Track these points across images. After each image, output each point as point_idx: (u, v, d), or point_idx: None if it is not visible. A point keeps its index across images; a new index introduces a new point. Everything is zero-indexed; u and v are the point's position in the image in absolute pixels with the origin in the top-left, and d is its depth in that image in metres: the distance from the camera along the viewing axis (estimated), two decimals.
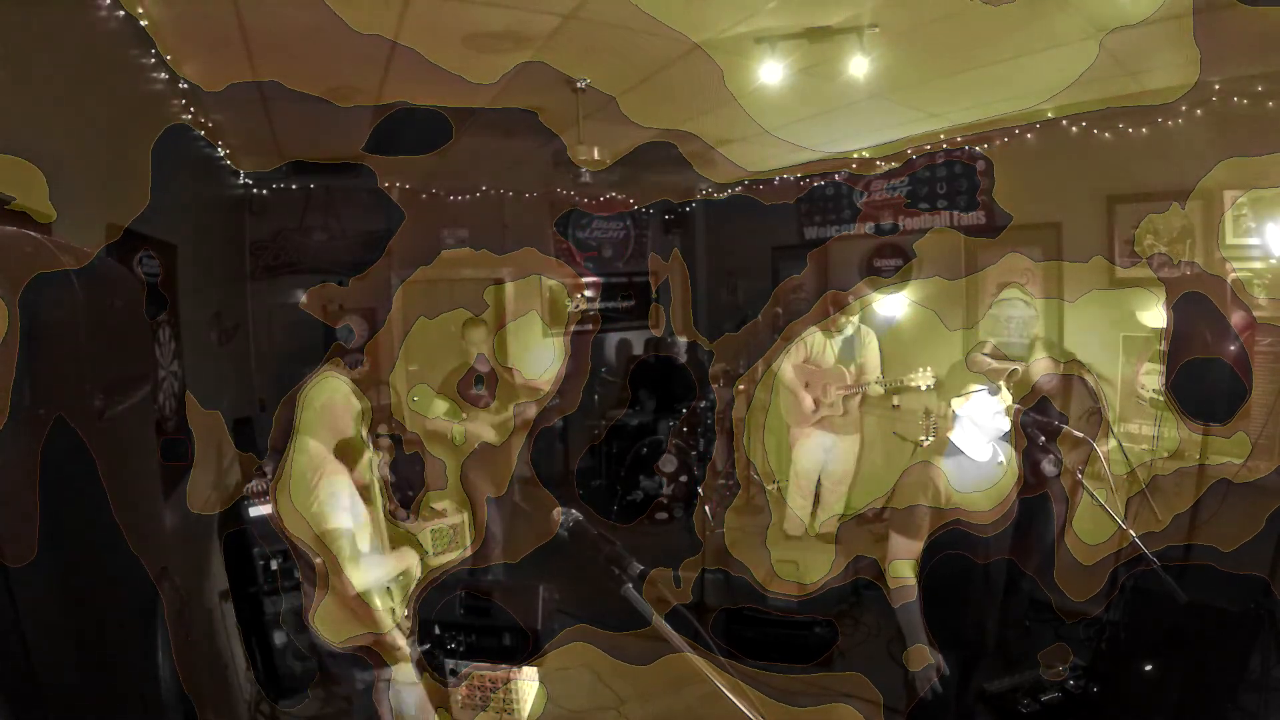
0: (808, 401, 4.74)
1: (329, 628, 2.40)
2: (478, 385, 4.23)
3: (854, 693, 3.41)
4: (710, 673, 1.27)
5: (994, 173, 4.66)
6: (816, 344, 4.84)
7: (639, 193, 7.19)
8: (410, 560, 2.60)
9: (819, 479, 5.03)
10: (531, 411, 4.31)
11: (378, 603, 2.41)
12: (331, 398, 2.49)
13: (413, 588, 2.62)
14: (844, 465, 4.95)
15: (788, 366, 4.92)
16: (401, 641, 2.46)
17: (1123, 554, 3.31)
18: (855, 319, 4.72)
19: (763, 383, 5.85)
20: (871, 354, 4.77)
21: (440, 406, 4.16)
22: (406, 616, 2.56)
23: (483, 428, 4.18)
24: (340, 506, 2.32)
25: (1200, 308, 3.06)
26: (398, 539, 2.77)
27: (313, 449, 2.41)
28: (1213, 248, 3.59)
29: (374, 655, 2.46)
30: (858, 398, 4.78)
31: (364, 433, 2.72)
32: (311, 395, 2.48)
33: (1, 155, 1.58)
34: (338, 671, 2.58)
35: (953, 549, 2.40)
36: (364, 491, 2.64)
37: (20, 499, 0.66)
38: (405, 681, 2.53)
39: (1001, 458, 2.51)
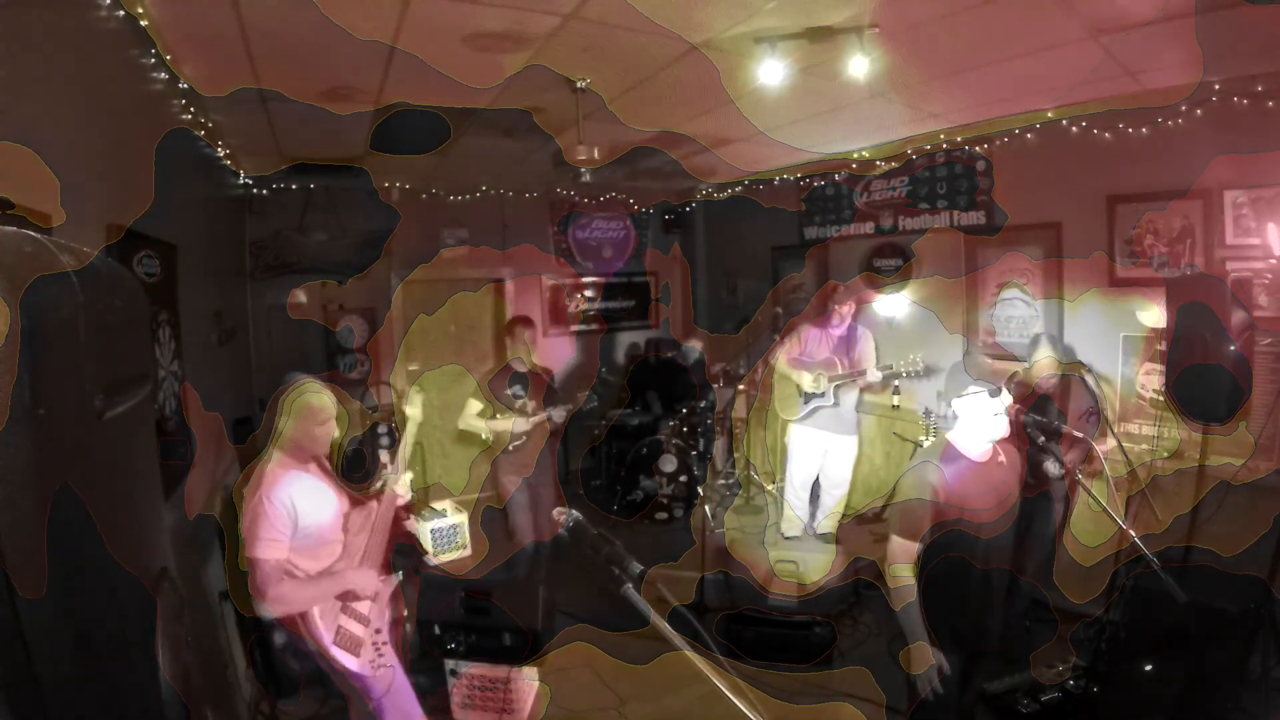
0: (805, 382, 4.73)
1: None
2: (512, 385, 4.21)
3: (854, 692, 3.41)
4: (710, 673, 1.27)
5: (994, 173, 4.66)
6: (810, 338, 4.86)
7: (639, 192, 7.20)
8: (352, 581, 2.45)
9: (819, 480, 5.04)
10: (561, 416, 4.29)
11: (315, 617, 2.35)
12: (313, 412, 2.44)
13: (380, 603, 2.53)
14: (841, 469, 4.95)
15: (782, 357, 4.93)
16: (345, 659, 2.37)
17: (1123, 554, 3.31)
18: (847, 310, 4.72)
19: (763, 383, 5.86)
20: (866, 348, 4.78)
21: (475, 406, 4.15)
22: (378, 630, 2.47)
23: (512, 424, 4.15)
24: (260, 537, 2.26)
25: (1200, 308, 3.05)
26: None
27: (267, 469, 2.37)
28: (1213, 248, 3.60)
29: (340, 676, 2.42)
30: (853, 391, 4.78)
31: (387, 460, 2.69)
32: (294, 405, 2.43)
33: (15, 149, 1.58)
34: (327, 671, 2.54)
35: (953, 549, 2.40)
36: (362, 507, 2.63)
37: (21, 500, 0.66)
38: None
39: (1002, 458, 2.51)
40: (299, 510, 2.35)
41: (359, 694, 2.46)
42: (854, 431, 4.93)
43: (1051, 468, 3.45)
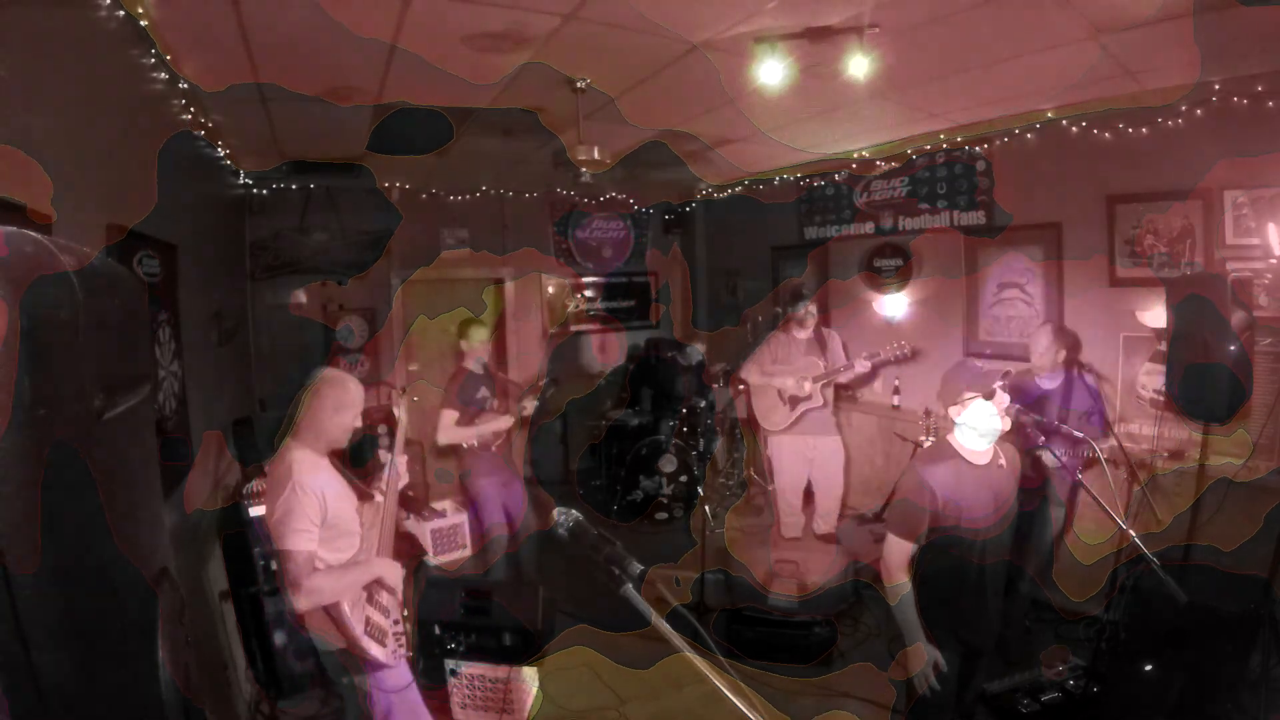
0: (789, 386, 4.74)
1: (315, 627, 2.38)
2: (478, 388, 4.22)
3: (854, 692, 3.41)
4: (710, 673, 1.27)
5: (994, 173, 4.66)
6: (780, 345, 4.87)
7: (639, 192, 7.19)
8: (380, 570, 2.47)
9: (811, 484, 5.04)
10: (532, 407, 4.30)
11: (346, 609, 2.33)
12: (342, 399, 2.43)
13: (398, 594, 2.53)
14: (831, 473, 4.95)
15: (755, 371, 4.93)
16: (375, 650, 2.36)
17: (1123, 554, 3.31)
18: (813, 309, 4.75)
19: (734, 395, 5.88)
20: (835, 346, 4.80)
21: (450, 416, 4.14)
22: (396, 621, 2.49)
23: (496, 423, 4.17)
24: (294, 528, 2.22)
25: (1200, 308, 3.05)
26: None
27: (294, 457, 2.35)
28: (1213, 248, 3.59)
29: (353, 660, 2.40)
30: (831, 387, 4.80)
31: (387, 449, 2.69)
32: (319, 390, 2.42)
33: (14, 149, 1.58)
34: (330, 670, 2.54)
35: (950, 548, 2.40)
36: (366, 497, 2.63)
37: (21, 499, 0.66)
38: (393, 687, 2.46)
39: (1001, 460, 2.51)
40: (327, 500, 2.33)
41: (371, 690, 2.45)
42: (836, 433, 4.95)
43: (1049, 459, 3.45)
